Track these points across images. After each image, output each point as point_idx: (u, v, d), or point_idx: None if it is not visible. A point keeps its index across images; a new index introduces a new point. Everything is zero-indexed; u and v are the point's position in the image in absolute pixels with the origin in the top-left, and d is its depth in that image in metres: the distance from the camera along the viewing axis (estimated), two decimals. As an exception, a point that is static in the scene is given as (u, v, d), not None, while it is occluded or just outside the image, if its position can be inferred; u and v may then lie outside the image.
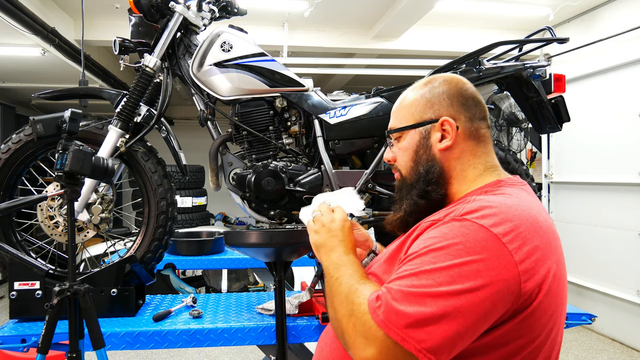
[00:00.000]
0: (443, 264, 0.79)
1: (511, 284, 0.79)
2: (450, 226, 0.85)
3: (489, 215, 0.83)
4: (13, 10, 3.47)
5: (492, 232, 0.81)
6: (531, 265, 0.80)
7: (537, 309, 0.82)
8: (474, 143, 1.02)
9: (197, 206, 5.99)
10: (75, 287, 1.44)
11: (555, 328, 0.87)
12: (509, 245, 0.80)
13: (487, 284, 0.77)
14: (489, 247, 0.79)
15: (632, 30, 4.13)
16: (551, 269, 0.84)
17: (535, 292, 0.81)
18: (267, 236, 1.72)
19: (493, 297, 0.77)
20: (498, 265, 0.78)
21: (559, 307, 0.87)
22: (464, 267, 0.78)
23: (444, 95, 1.04)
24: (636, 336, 4.16)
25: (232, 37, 1.96)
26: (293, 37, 5.03)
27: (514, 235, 0.81)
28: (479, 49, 1.90)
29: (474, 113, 1.03)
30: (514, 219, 0.83)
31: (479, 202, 0.88)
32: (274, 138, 1.99)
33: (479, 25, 5.21)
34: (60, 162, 1.42)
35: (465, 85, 1.06)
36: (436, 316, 0.76)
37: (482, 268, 0.78)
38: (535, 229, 0.85)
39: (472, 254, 0.79)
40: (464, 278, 0.77)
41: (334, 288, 0.95)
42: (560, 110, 1.95)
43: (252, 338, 1.68)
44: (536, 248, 0.82)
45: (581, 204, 4.79)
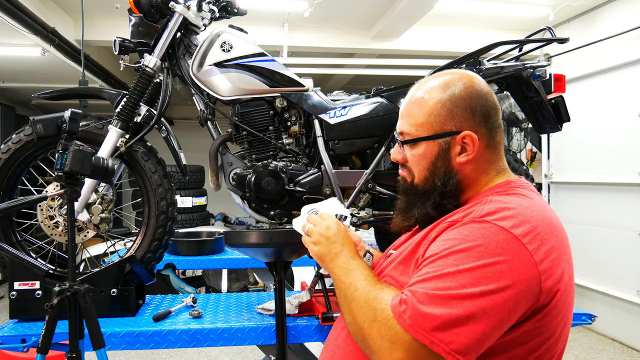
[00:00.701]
0: (466, 266, 0.81)
1: (532, 283, 0.81)
2: (470, 228, 0.86)
3: (508, 217, 0.85)
4: (13, 10, 3.47)
5: (512, 234, 0.83)
6: (549, 265, 0.83)
7: (555, 307, 0.84)
8: (490, 151, 1.02)
9: (197, 206, 5.99)
10: (75, 287, 1.44)
11: (567, 326, 0.90)
12: (528, 246, 0.82)
13: (511, 285, 0.79)
14: (510, 248, 0.81)
15: (632, 30, 4.13)
16: (566, 269, 0.86)
17: (553, 290, 0.83)
18: (267, 236, 1.72)
19: (516, 297, 0.79)
20: (520, 266, 0.80)
21: (570, 305, 0.90)
22: (487, 268, 0.80)
23: (467, 106, 1.00)
24: (636, 336, 4.16)
25: (232, 37, 1.96)
26: (293, 37, 5.03)
27: (532, 236, 0.83)
28: (479, 49, 1.90)
29: (493, 123, 1.02)
30: (532, 220, 0.85)
31: (496, 203, 0.89)
32: (274, 138, 1.99)
33: (479, 25, 5.21)
34: (60, 162, 1.42)
35: (484, 90, 1.02)
36: (463, 317, 0.77)
37: (505, 269, 0.80)
38: (550, 229, 0.87)
39: (495, 256, 0.80)
40: (488, 279, 0.79)
41: (349, 294, 0.94)
42: (560, 110, 1.95)
43: (252, 338, 1.68)
44: (553, 248, 0.85)
45: (581, 204, 4.79)
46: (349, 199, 1.90)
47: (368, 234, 3.52)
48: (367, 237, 3.53)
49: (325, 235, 1.08)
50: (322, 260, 1.07)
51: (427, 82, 1.07)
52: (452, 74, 1.05)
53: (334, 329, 1.15)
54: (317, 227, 1.12)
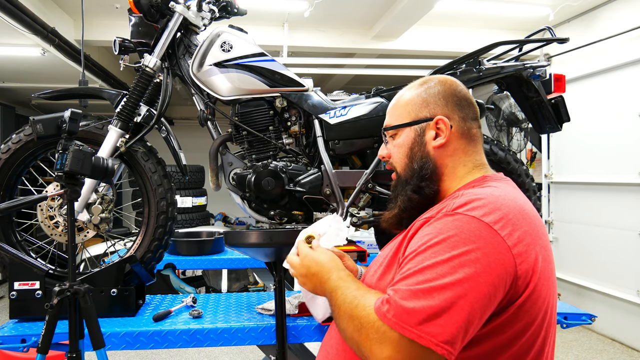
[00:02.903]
0: (443, 257, 0.83)
1: (508, 267, 0.83)
2: (444, 221, 0.89)
3: (479, 206, 0.88)
4: (13, 10, 3.47)
5: (483, 222, 0.86)
6: (523, 249, 0.85)
7: (534, 292, 0.86)
8: (466, 142, 1.08)
9: (197, 206, 5.99)
10: (75, 287, 1.44)
11: (549, 311, 0.92)
12: (500, 231, 0.85)
13: (487, 269, 0.82)
14: (482, 235, 0.84)
15: (632, 30, 4.12)
16: (539, 253, 0.88)
17: (529, 274, 0.86)
18: (267, 236, 1.72)
19: (494, 280, 0.82)
20: (494, 251, 0.83)
21: (550, 289, 0.91)
22: (463, 256, 0.82)
23: (440, 96, 1.09)
24: (636, 336, 4.16)
25: (232, 37, 1.96)
26: (293, 37, 5.03)
27: (504, 222, 0.86)
28: (479, 49, 1.90)
29: (467, 113, 1.09)
30: (502, 208, 0.88)
31: (467, 195, 0.93)
32: (274, 138, 1.99)
33: (479, 25, 5.21)
34: (60, 162, 1.42)
35: (459, 86, 1.11)
36: (445, 307, 0.79)
37: (480, 255, 0.82)
38: (522, 216, 0.90)
39: (469, 244, 0.83)
40: (465, 266, 0.81)
41: (336, 313, 0.96)
42: (560, 110, 1.95)
43: (252, 338, 1.68)
44: (525, 233, 0.87)
45: (581, 204, 4.79)
46: (349, 199, 1.90)
47: (368, 234, 3.52)
48: (367, 237, 3.53)
49: (301, 275, 1.12)
50: (316, 292, 1.09)
51: (410, 84, 1.18)
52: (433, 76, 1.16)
53: (328, 331, 1.16)
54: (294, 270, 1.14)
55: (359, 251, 1.70)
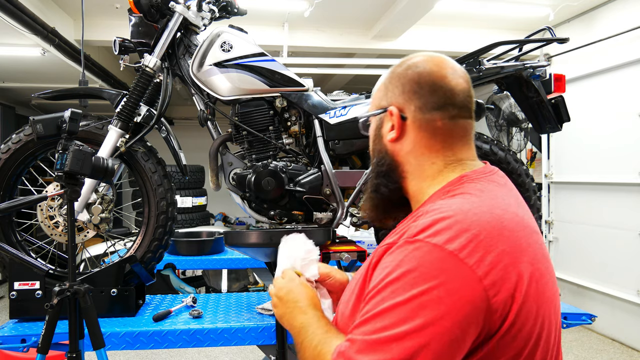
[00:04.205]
0: (402, 298, 0.72)
1: (478, 302, 0.71)
2: (404, 250, 0.77)
3: (442, 229, 0.75)
4: (13, 10, 3.47)
5: (447, 251, 0.73)
6: (498, 276, 0.73)
7: (518, 318, 0.74)
8: (428, 135, 0.92)
9: (197, 206, 5.99)
10: (75, 287, 1.44)
11: (545, 330, 0.80)
12: (468, 260, 0.72)
13: (452, 309, 0.70)
14: (446, 267, 0.72)
15: (632, 30, 4.13)
16: (524, 272, 0.76)
17: (508, 303, 0.73)
18: (267, 236, 1.72)
19: (461, 322, 0.70)
20: (459, 287, 0.71)
21: (544, 307, 0.79)
22: (423, 297, 0.71)
23: (399, 82, 0.95)
24: (636, 336, 4.16)
25: (232, 37, 1.96)
26: (293, 37, 5.03)
27: (472, 246, 0.73)
28: (479, 49, 1.90)
29: (425, 102, 0.91)
30: (472, 227, 0.75)
31: (433, 214, 0.80)
32: (274, 138, 1.99)
33: (479, 25, 5.21)
34: (60, 162, 1.43)
35: (427, 69, 0.93)
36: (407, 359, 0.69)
37: (443, 294, 0.70)
38: (499, 231, 0.76)
39: (430, 280, 0.71)
40: (426, 308, 0.70)
41: (300, 353, 0.90)
42: (560, 110, 1.95)
43: (252, 338, 1.68)
44: (502, 254, 0.74)
45: (581, 204, 4.79)
46: (349, 199, 1.90)
47: (368, 234, 3.52)
48: (368, 237, 3.53)
49: (278, 296, 1.04)
50: (282, 322, 1.02)
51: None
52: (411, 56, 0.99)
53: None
54: (274, 288, 1.08)
55: (359, 251, 1.70)
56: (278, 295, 1.04)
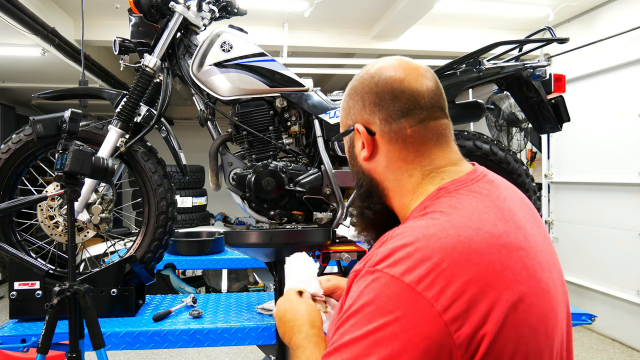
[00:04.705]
0: (359, 333, 0.69)
1: (437, 338, 0.65)
2: (365, 281, 0.73)
3: (401, 259, 0.70)
4: (13, 10, 3.47)
5: (404, 283, 0.67)
6: (462, 309, 0.66)
7: (491, 351, 0.66)
8: (400, 147, 0.85)
9: (197, 206, 5.99)
10: (75, 287, 1.44)
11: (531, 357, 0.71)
12: (426, 293, 0.66)
13: (407, 347, 0.65)
14: (402, 302, 0.67)
15: (632, 30, 4.12)
16: (500, 299, 0.67)
17: (477, 336, 0.66)
18: (267, 236, 1.72)
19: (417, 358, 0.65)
20: (416, 322, 0.65)
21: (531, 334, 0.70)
22: (379, 332, 0.67)
23: (357, 96, 0.89)
24: (636, 336, 4.16)
25: (232, 37, 1.96)
26: (293, 37, 5.03)
27: (432, 278, 0.67)
28: (479, 49, 1.90)
29: (389, 112, 0.84)
30: (434, 255, 0.68)
31: (394, 240, 0.74)
32: (274, 138, 1.99)
33: (479, 25, 5.21)
34: (60, 162, 1.43)
35: (382, 75, 0.86)
36: None
37: (398, 330, 0.66)
38: (466, 257, 0.69)
39: (386, 315, 0.67)
40: (380, 346, 0.66)
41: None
42: (560, 110, 1.95)
43: (252, 338, 1.68)
44: (468, 283, 0.67)
45: (581, 204, 4.79)
46: (349, 199, 1.90)
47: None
48: (367, 237, 3.53)
49: (278, 316, 1.02)
50: (284, 340, 1.00)
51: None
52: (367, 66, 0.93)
53: None
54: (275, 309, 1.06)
55: (359, 251, 1.70)
56: (277, 315, 1.03)
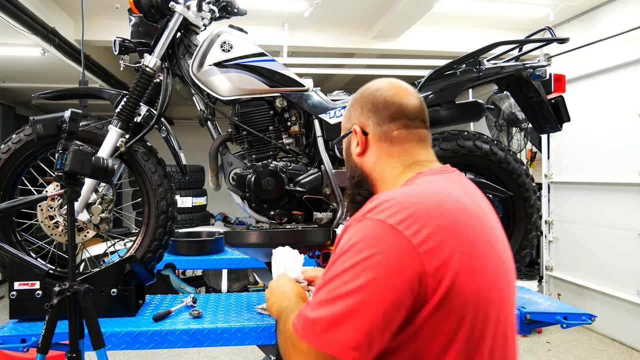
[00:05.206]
0: (348, 264, 0.83)
1: (413, 266, 0.81)
2: (354, 228, 0.88)
3: (386, 208, 0.87)
4: (13, 10, 3.48)
5: (387, 224, 0.84)
6: (433, 245, 0.82)
7: (453, 286, 0.82)
8: (387, 145, 1.06)
9: (197, 206, 5.99)
10: (75, 287, 1.44)
11: (483, 307, 0.86)
12: (405, 231, 0.83)
13: (389, 272, 0.80)
14: (385, 238, 0.83)
15: (632, 30, 4.13)
16: (458, 247, 0.84)
17: (443, 269, 0.82)
18: (267, 236, 1.72)
19: (396, 282, 0.80)
20: (396, 253, 0.81)
21: (480, 285, 0.86)
22: (365, 262, 0.82)
23: (357, 105, 1.11)
24: (636, 336, 4.16)
25: (232, 37, 1.96)
26: (293, 37, 5.03)
27: (410, 221, 0.84)
28: (479, 49, 1.90)
29: (381, 117, 1.06)
30: (411, 206, 0.86)
31: (378, 198, 0.91)
32: (274, 138, 1.99)
33: (479, 25, 5.21)
34: (60, 162, 1.43)
35: (379, 90, 1.09)
36: (347, 314, 0.79)
37: (382, 259, 0.81)
38: (438, 211, 0.86)
39: (371, 248, 0.82)
40: (367, 271, 0.81)
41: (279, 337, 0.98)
42: (560, 110, 1.95)
43: (252, 338, 1.68)
44: (439, 228, 0.84)
45: (581, 204, 4.79)
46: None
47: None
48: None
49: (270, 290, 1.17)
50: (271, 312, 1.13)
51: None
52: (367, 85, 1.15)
53: None
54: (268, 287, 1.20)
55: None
56: (270, 289, 1.16)
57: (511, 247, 2.03)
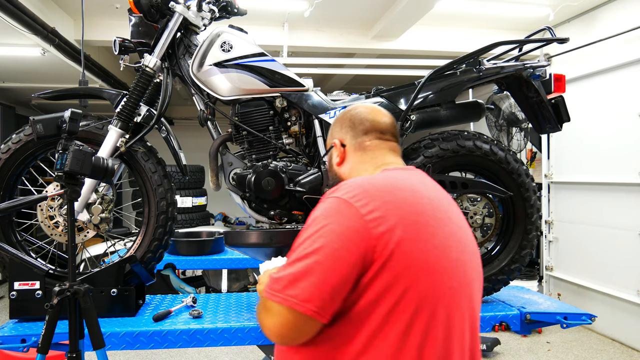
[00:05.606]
0: (309, 233, 0.98)
1: (360, 230, 0.93)
2: (319, 206, 1.03)
3: (344, 188, 1.01)
4: (13, 10, 3.47)
5: (342, 199, 0.98)
6: (380, 215, 0.95)
7: (397, 250, 0.93)
8: (361, 153, 1.22)
9: (197, 206, 5.99)
10: (75, 287, 1.44)
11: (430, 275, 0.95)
12: (356, 204, 0.96)
13: (340, 236, 0.93)
14: (340, 209, 0.97)
15: (632, 30, 4.12)
16: (401, 220, 0.96)
17: (387, 234, 0.93)
18: (267, 236, 1.72)
19: (346, 244, 0.93)
20: (347, 221, 0.95)
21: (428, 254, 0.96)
22: (322, 229, 0.96)
23: (338, 123, 1.29)
24: (636, 336, 4.16)
25: (232, 37, 1.96)
26: (293, 37, 5.03)
27: (362, 196, 0.97)
28: (479, 49, 1.90)
29: (357, 131, 1.24)
30: (365, 185, 1.00)
31: (341, 184, 1.05)
32: (274, 138, 1.99)
33: (479, 25, 5.21)
34: (60, 162, 1.43)
35: (355, 110, 1.27)
36: (304, 272, 0.93)
37: (335, 226, 0.95)
38: (388, 190, 1.00)
39: (328, 218, 0.97)
40: (322, 237, 0.95)
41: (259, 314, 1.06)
42: (560, 110, 1.95)
43: (252, 338, 1.68)
44: (387, 203, 0.97)
45: (581, 204, 4.79)
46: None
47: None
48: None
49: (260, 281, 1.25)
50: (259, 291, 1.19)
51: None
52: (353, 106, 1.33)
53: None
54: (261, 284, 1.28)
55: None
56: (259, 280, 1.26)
57: (511, 247, 2.05)
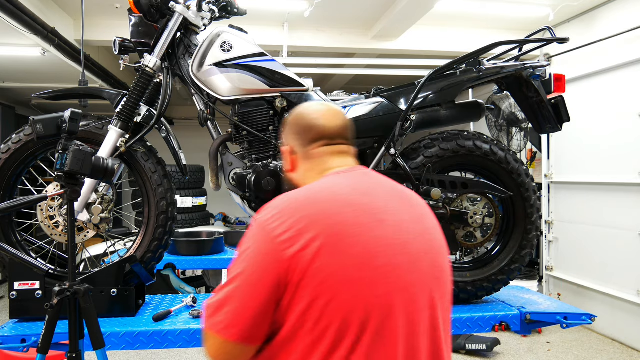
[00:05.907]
0: (236, 257, 1.01)
1: (272, 254, 0.94)
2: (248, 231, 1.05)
3: (264, 210, 1.03)
4: (13, 10, 3.47)
5: (259, 222, 1.00)
6: (292, 235, 0.95)
7: (311, 267, 0.92)
8: (309, 162, 1.21)
9: (197, 206, 5.99)
10: (75, 287, 1.44)
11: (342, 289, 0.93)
12: (269, 226, 0.97)
13: (255, 261, 0.96)
14: (256, 234, 0.99)
15: (632, 30, 4.12)
16: (322, 232, 0.95)
17: (301, 253, 0.93)
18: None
19: (259, 269, 0.95)
20: (260, 245, 0.97)
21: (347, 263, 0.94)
22: (241, 256, 0.99)
23: (289, 128, 1.26)
24: (636, 336, 4.16)
25: (232, 37, 1.96)
26: (293, 37, 5.03)
27: (277, 217, 0.98)
28: (479, 49, 1.90)
29: (305, 139, 1.21)
30: (280, 205, 1.01)
31: (267, 204, 1.05)
32: (274, 138, 1.99)
33: (479, 25, 5.21)
34: (60, 162, 1.43)
35: (301, 115, 1.23)
36: (226, 298, 0.96)
37: (250, 252, 0.98)
38: (305, 205, 1.00)
39: (248, 243, 1.00)
40: (243, 262, 0.98)
41: None
42: (560, 110, 1.95)
43: (252, 338, 1.68)
44: (303, 219, 0.96)
45: (581, 204, 4.79)
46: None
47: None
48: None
49: None
50: None
51: None
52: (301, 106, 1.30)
53: None
54: None
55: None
56: None
57: (511, 247, 2.05)
